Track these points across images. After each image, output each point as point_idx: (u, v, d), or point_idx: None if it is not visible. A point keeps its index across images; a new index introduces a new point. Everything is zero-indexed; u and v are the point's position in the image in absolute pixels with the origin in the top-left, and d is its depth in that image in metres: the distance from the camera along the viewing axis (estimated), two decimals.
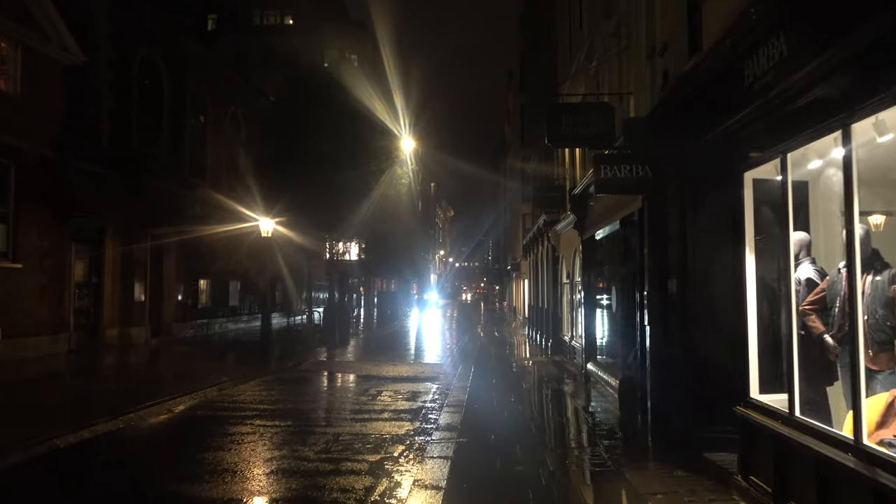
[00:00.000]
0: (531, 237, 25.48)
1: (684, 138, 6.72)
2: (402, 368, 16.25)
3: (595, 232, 12.14)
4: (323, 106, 25.83)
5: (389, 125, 30.29)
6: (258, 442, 8.24)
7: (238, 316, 28.46)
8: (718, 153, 6.05)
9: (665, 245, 7.47)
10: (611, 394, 10.78)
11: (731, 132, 5.55)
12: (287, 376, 14.68)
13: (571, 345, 16.61)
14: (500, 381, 14.10)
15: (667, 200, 7.35)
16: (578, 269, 15.93)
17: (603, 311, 12.78)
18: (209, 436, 8.67)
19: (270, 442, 8.25)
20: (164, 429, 9.33)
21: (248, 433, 8.74)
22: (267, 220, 17.53)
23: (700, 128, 6.22)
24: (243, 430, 8.96)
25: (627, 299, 10.24)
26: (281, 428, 9.09)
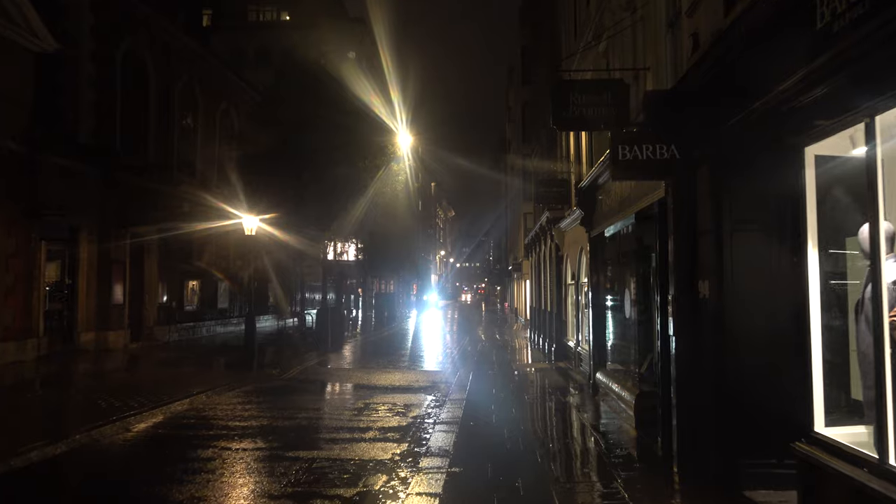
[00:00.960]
0: (533, 236, 24.32)
1: (721, 111, 5.55)
2: (395, 376, 15.08)
3: (605, 228, 10.97)
4: (318, 101, 24.80)
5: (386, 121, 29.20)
6: (218, 471, 7.07)
7: (227, 319, 27.30)
8: (767, 127, 4.88)
9: (694, 241, 6.29)
10: (623, 409, 9.61)
11: (788, 96, 4.38)
12: (269, 386, 13.52)
13: (577, 351, 15.43)
14: (500, 391, 12.93)
15: (697, 187, 6.18)
16: (585, 268, 14.75)
17: (614, 316, 11.60)
18: (162, 463, 7.51)
19: (232, 471, 7.08)
20: (112, 454, 8.15)
21: (209, 459, 7.57)
22: (251, 218, 16.37)
23: (743, 96, 5.06)
24: (204, 454, 7.80)
25: (644, 303, 9.07)
26: (248, 452, 7.92)
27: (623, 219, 9.42)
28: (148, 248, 20.99)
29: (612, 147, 6.25)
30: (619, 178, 6.39)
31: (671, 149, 6.09)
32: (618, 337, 11.61)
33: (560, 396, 12.32)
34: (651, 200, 7.55)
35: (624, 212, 9.24)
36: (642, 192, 7.95)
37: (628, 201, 8.86)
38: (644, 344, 9.48)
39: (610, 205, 10.18)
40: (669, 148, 6.10)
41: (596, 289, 12.06)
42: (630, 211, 8.86)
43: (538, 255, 23.79)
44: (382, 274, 52.49)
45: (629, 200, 8.81)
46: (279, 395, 12.34)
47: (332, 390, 13.35)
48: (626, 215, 9.08)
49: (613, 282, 11.64)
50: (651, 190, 7.45)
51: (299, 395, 12.55)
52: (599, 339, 11.96)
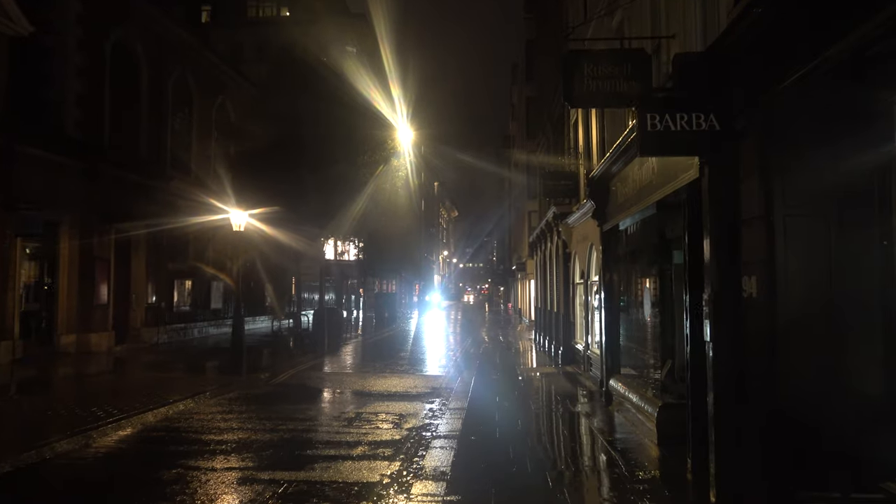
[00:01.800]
0: (538, 234, 23.30)
1: (773, 70, 4.55)
2: (392, 381, 14.09)
3: (619, 221, 9.96)
4: (316, 95, 23.92)
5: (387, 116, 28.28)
6: (176, 498, 6.08)
7: (221, 319, 26.32)
8: (843, 81, 3.87)
9: (736, 230, 5.29)
10: (641, 422, 8.60)
11: (884, 32, 3.36)
12: (255, 393, 12.54)
13: (586, 355, 14.42)
14: (504, 398, 11.93)
15: (741, 165, 5.16)
16: (595, 266, 13.74)
17: (629, 317, 10.59)
18: (115, 487, 6.54)
19: (192, 499, 6.09)
20: (60, 476, 7.16)
21: (169, 483, 6.58)
22: (239, 213, 15.39)
23: (804, 49, 4.05)
24: (166, 476, 6.81)
25: (667, 303, 8.06)
26: (217, 474, 6.93)
27: (641, 209, 8.40)
28: (135, 246, 20.06)
29: (638, 117, 5.25)
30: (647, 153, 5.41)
31: (710, 119, 5.08)
32: (634, 340, 10.60)
33: (570, 405, 11.31)
34: (678, 185, 6.54)
35: (643, 201, 8.23)
36: (667, 176, 6.94)
37: (649, 189, 7.85)
38: (670, 351, 8.48)
39: (626, 194, 9.16)
40: (708, 118, 5.10)
41: (609, 288, 11.04)
42: (650, 199, 7.84)
43: (543, 253, 22.77)
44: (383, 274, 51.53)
45: (650, 188, 7.80)
46: (264, 403, 11.36)
47: (324, 397, 12.36)
48: (646, 205, 8.07)
49: (629, 280, 10.64)
50: (679, 172, 6.44)
51: (286, 402, 11.57)
52: (612, 342, 10.94)
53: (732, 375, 5.28)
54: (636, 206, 8.65)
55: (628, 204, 9.05)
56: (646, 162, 7.83)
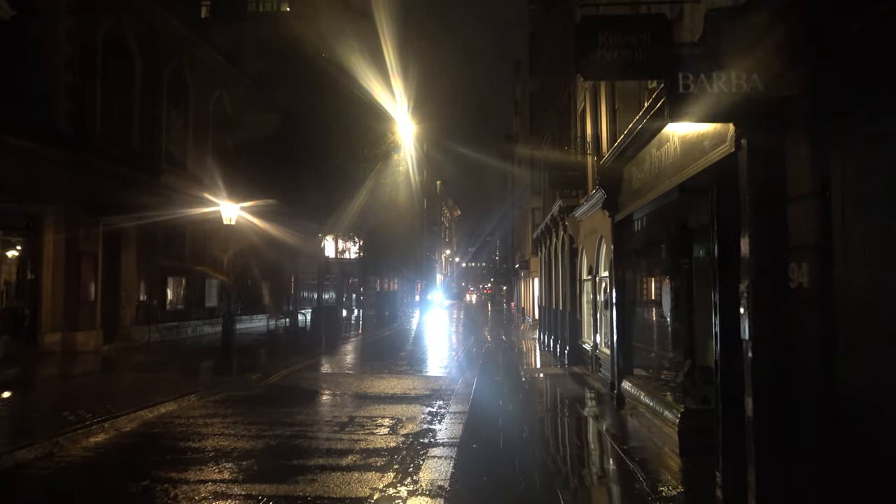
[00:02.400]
0: (542, 230, 22.55)
1: (830, 19, 3.80)
2: (390, 383, 13.36)
3: (633, 210, 9.20)
4: (317, 89, 23.30)
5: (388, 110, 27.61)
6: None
7: (217, 318, 25.51)
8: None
9: (781, 210, 4.54)
10: (659, 428, 7.84)
11: None
12: (244, 395, 11.81)
13: (594, 355, 13.66)
14: (508, 401, 11.18)
15: (788, 133, 4.41)
16: (605, 260, 12.99)
17: (644, 314, 9.83)
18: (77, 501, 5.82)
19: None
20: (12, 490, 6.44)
21: (134, 498, 5.86)
22: (229, 205, 14.68)
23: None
24: (132, 490, 6.09)
25: (686, 298, 7.31)
26: (190, 487, 6.20)
27: (660, 195, 7.64)
28: (125, 241, 19.35)
29: (668, 77, 4.50)
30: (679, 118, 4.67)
31: (751, 79, 4.33)
32: (647, 340, 9.85)
33: (578, 409, 10.56)
34: (708, 162, 5.78)
35: (662, 185, 7.48)
36: (693, 153, 6.19)
37: (670, 170, 7.10)
38: (685, 349, 7.73)
39: (642, 179, 8.41)
40: (750, 77, 4.34)
41: (621, 283, 10.28)
42: (671, 183, 7.09)
43: (548, 249, 22.03)
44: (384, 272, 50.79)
45: (671, 169, 7.05)
46: (253, 406, 10.63)
47: (316, 399, 11.62)
48: (666, 189, 7.32)
49: (644, 274, 9.88)
50: (709, 147, 5.68)
51: (276, 405, 10.84)
52: (624, 341, 10.19)
53: (776, 377, 4.54)
54: (654, 192, 7.90)
55: (644, 190, 8.30)
56: (666, 142, 7.09)
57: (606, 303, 13.06)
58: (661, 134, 7.17)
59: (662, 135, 7.10)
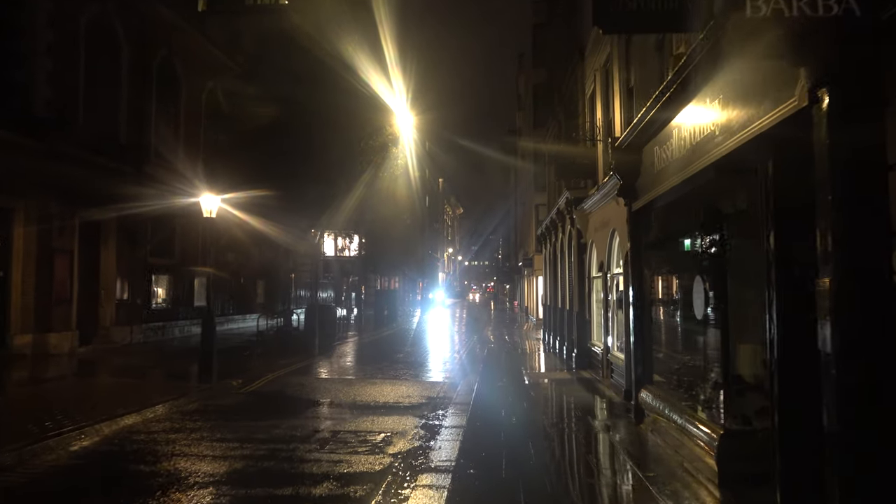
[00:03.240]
0: (547, 225, 21.39)
1: None
2: (384, 389, 12.24)
3: (655, 195, 8.03)
4: (314, 81, 22.22)
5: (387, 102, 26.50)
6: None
7: None
8: None
9: (878, 182, 3.38)
10: (688, 449, 6.68)
11: None
12: (219, 404, 10.70)
13: (606, 359, 12.50)
14: (511, 412, 10.04)
15: (888, 80, 3.26)
16: (618, 255, 11.83)
17: (667, 315, 8.66)
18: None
19: None
20: None
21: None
22: (210, 197, 13.53)
23: None
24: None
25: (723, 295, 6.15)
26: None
27: (691, 175, 6.48)
28: (105, 237, 18.25)
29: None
30: (739, 52, 3.54)
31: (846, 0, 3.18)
32: (671, 344, 8.68)
33: (591, 423, 9.41)
34: (760, 129, 4.61)
35: (694, 164, 6.32)
36: (742, 118, 5.02)
37: (707, 144, 5.94)
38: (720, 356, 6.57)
39: (667, 159, 7.25)
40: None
41: (638, 280, 9.12)
42: (706, 160, 5.94)
43: (553, 246, 20.86)
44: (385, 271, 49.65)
45: (708, 143, 5.89)
46: (226, 418, 9.51)
47: (299, 409, 10.49)
48: (700, 167, 6.16)
49: (665, 270, 8.72)
50: (766, 108, 4.51)
51: (253, 417, 9.72)
52: (643, 346, 9.03)
53: (873, 393, 3.38)
54: (682, 173, 6.74)
55: (671, 171, 7.14)
56: (700, 110, 5.93)
57: (620, 302, 11.90)
58: (693, 102, 6.01)
59: (696, 103, 5.94)
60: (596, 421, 9.50)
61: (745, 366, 6.15)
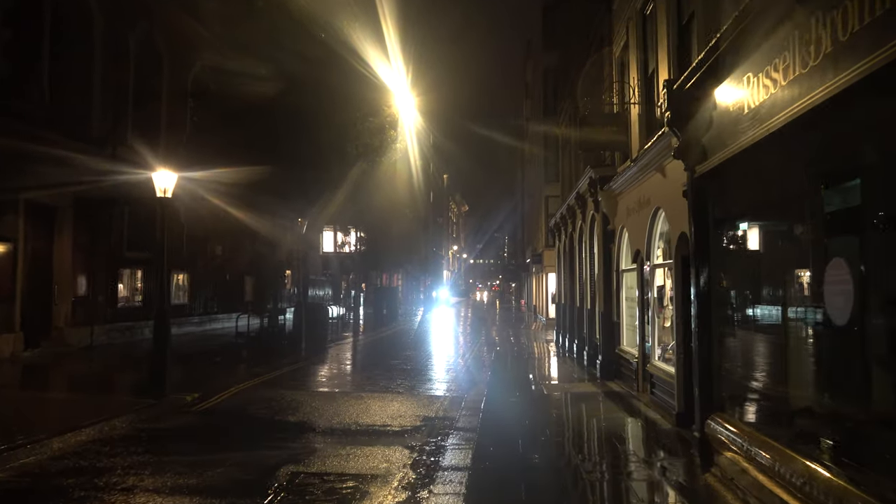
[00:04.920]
0: (563, 214, 19.06)
1: None
2: (371, 407, 9.95)
3: (736, 150, 5.68)
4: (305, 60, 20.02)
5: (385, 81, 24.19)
6: None
7: (186, 317, 22.29)
8: None
9: None
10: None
11: None
12: (158, 428, 8.42)
13: (645, 371, 10.15)
14: (530, 444, 7.72)
15: None
16: (662, 241, 9.51)
17: (755, 318, 6.28)
18: None
19: None
20: None
21: None
22: (165, 174, 11.24)
23: None
24: None
25: (861, 293, 3.82)
26: None
27: (828, 97, 4.13)
28: (60, 226, 16.00)
29: None
30: None
31: None
32: (748, 359, 6.34)
33: (641, 465, 7.07)
34: None
35: (828, 85, 3.97)
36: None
37: (857, 49, 3.59)
38: (865, 383, 4.25)
39: (768, 92, 4.91)
40: None
41: (705, 269, 6.77)
42: (861, 70, 3.59)
43: (569, 237, 18.53)
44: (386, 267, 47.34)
45: (865, 43, 3.54)
46: (157, 451, 7.21)
47: (256, 438, 8.20)
48: (839, 86, 3.81)
49: (741, 258, 6.37)
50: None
51: (194, 449, 7.44)
52: (710, 357, 6.68)
53: None
54: (791, 110, 4.39)
55: (779, 106, 4.79)
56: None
57: (669, 300, 9.59)
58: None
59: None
60: (645, 461, 7.17)
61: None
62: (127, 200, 17.93)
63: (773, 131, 4.91)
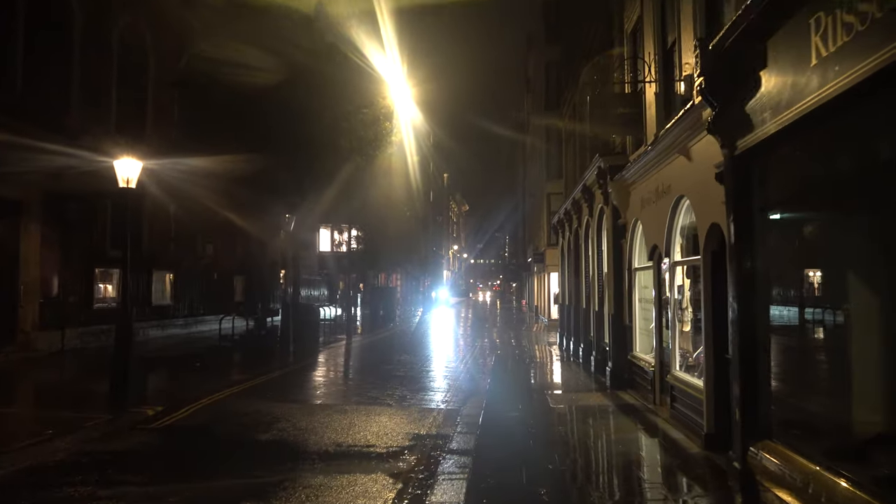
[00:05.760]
0: (567, 210, 17.91)
1: None
2: (354, 423, 8.81)
3: (796, 115, 4.53)
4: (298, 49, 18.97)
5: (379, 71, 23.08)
6: None
7: (170, 319, 21.17)
8: None
9: None
10: None
11: None
12: (104, 451, 7.27)
13: (665, 381, 8.98)
14: (537, 473, 6.56)
15: None
16: (686, 234, 8.36)
17: (815, 323, 5.13)
18: None
19: None
20: None
21: None
22: (129, 162, 10.10)
23: None
24: None
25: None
26: None
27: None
28: (27, 221, 14.88)
29: None
30: None
31: None
32: (803, 374, 5.19)
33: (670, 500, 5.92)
34: None
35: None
36: None
37: None
38: None
39: (850, 36, 3.76)
40: None
41: (741, 265, 5.62)
42: None
43: (574, 234, 17.37)
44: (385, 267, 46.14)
45: None
46: (95, 482, 6.08)
47: (214, 463, 7.05)
48: None
49: (811, 249, 5.22)
50: None
51: (140, 479, 6.30)
52: (753, 371, 5.53)
53: None
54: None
55: (863, 52, 3.63)
56: None
57: (688, 301, 8.45)
58: None
59: None
60: (673, 496, 6.02)
61: None
62: (108, 195, 16.84)
63: (853, 85, 3.76)
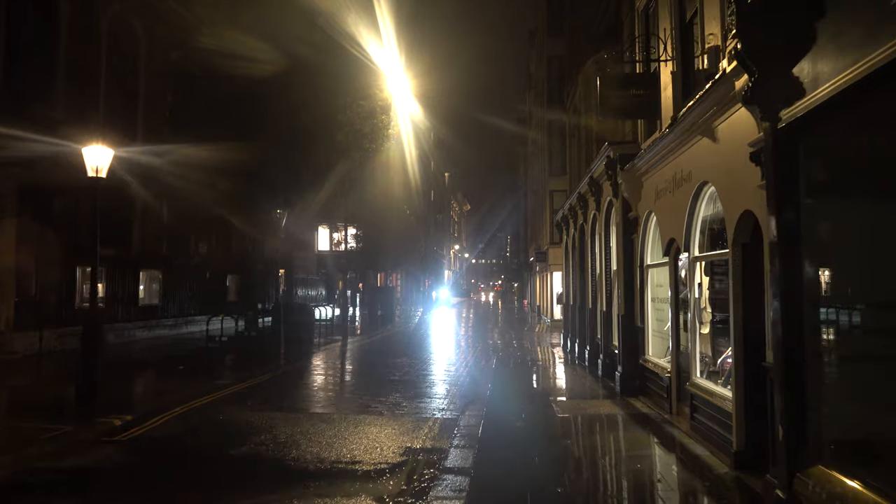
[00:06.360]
0: (571, 206, 17.08)
1: None
2: (340, 434, 7.98)
3: (861, 72, 3.69)
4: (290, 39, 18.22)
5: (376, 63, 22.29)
6: None
7: (158, 319, 20.35)
8: None
9: None
10: None
11: None
12: (56, 469, 6.46)
13: (685, 388, 8.12)
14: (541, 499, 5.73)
15: None
16: (706, 226, 7.51)
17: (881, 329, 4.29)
18: None
19: None
20: None
21: None
22: (98, 149, 9.29)
23: None
24: None
25: None
26: None
27: None
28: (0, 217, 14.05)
29: None
30: None
31: None
32: (868, 388, 4.33)
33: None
34: None
35: None
36: None
37: None
38: None
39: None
40: None
41: (785, 258, 4.78)
42: None
43: (579, 230, 16.53)
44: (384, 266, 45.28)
45: None
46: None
47: (181, 483, 6.23)
48: None
49: (874, 240, 4.37)
50: None
51: (83, 501, 5.47)
52: (800, 384, 4.68)
53: None
54: None
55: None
56: None
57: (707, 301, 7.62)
58: None
59: None
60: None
61: None
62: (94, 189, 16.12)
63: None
